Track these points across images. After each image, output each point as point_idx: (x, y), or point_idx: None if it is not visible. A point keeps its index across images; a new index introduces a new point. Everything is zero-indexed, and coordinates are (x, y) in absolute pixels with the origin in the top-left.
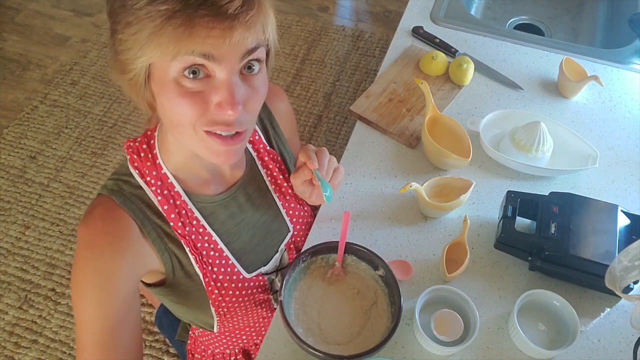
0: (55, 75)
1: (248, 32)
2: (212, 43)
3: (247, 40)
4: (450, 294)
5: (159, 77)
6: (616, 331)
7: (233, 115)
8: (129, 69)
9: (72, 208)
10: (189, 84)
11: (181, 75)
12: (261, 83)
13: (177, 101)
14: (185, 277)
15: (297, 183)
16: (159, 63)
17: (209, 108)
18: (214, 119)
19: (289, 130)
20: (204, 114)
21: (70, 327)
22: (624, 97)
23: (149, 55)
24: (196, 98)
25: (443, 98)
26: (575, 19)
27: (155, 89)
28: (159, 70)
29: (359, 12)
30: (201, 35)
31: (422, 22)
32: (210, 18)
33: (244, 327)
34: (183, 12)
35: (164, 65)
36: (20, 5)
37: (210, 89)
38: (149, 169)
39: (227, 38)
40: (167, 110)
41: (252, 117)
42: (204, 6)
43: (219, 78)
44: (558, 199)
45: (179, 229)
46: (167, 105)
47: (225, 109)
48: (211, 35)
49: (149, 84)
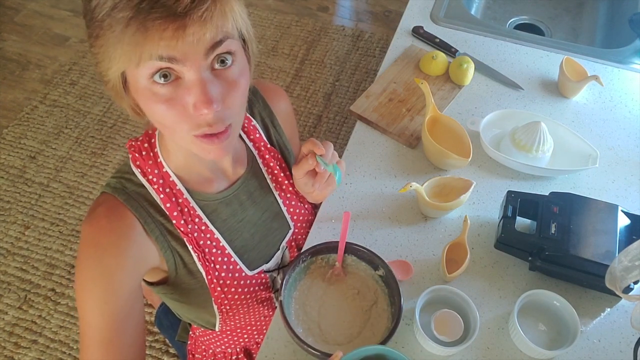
0: (54, 75)
1: (204, 27)
2: (167, 44)
3: (205, 36)
4: (450, 294)
5: (133, 84)
6: (616, 331)
7: (209, 113)
8: (106, 79)
9: (72, 208)
10: (162, 89)
11: (152, 81)
12: (238, 75)
13: (155, 107)
14: (188, 275)
15: (300, 174)
16: (129, 71)
17: (188, 110)
18: (197, 122)
19: (290, 130)
20: (185, 118)
21: (70, 327)
22: (624, 97)
23: (117, 64)
24: (172, 102)
25: (443, 98)
26: (575, 19)
27: (134, 95)
28: (132, 78)
29: (359, 12)
30: (155, 38)
31: (422, 22)
32: (162, 20)
33: (246, 326)
34: (136, 18)
35: (133, 73)
36: (19, 5)
37: (183, 90)
38: (151, 168)
39: (180, 37)
40: (150, 116)
41: (235, 111)
42: (154, 9)
43: (189, 79)
44: (558, 199)
45: (182, 227)
46: (148, 112)
47: (200, 109)
48: (164, 37)
49: (128, 91)
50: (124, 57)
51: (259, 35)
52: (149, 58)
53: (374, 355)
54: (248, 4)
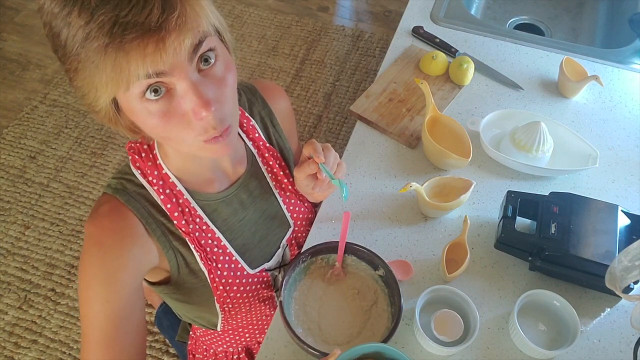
0: (55, 75)
1: (181, 34)
2: (152, 60)
3: (185, 43)
4: (450, 294)
5: (126, 107)
6: (616, 331)
7: (209, 115)
8: (97, 110)
9: (72, 208)
10: (156, 105)
11: (144, 99)
12: (224, 70)
13: (154, 124)
14: (190, 275)
15: (301, 177)
16: (119, 95)
17: (188, 119)
18: (202, 127)
19: (288, 128)
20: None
21: (70, 327)
22: (624, 97)
23: (106, 92)
24: (169, 115)
25: (443, 98)
26: (575, 19)
27: (129, 116)
28: (123, 102)
29: (359, 12)
30: (138, 58)
31: (422, 22)
32: (139, 39)
33: (247, 325)
34: (112, 43)
35: (124, 96)
36: (20, 5)
37: (177, 100)
38: (151, 169)
39: (161, 51)
40: (151, 132)
41: (230, 107)
42: (128, 30)
43: (180, 87)
44: (558, 199)
45: (183, 227)
46: (148, 130)
47: (199, 113)
48: (147, 54)
49: (122, 114)
50: (110, 84)
51: (259, 35)
52: (136, 79)
53: (372, 353)
54: (248, 4)
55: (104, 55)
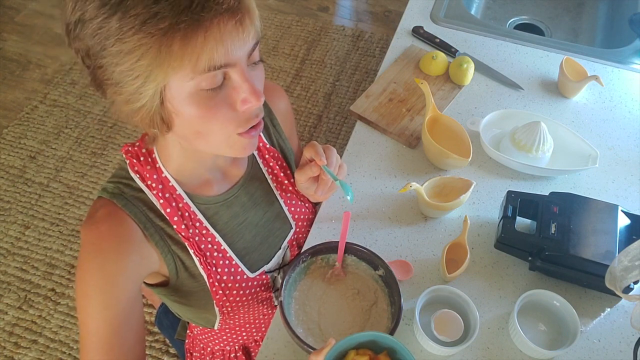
0: (55, 75)
1: (253, 19)
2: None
3: (256, 24)
4: (450, 294)
5: (175, 96)
6: (616, 331)
7: (257, 104)
8: (136, 98)
9: (72, 208)
10: (209, 95)
11: (199, 89)
12: (262, 69)
13: (207, 116)
14: (189, 278)
15: (302, 179)
16: (174, 82)
17: (235, 110)
18: (245, 119)
19: (288, 128)
20: (232, 118)
21: (70, 327)
22: (624, 97)
23: (161, 78)
24: (220, 105)
25: (443, 98)
26: (575, 19)
27: (173, 108)
28: (175, 90)
29: (359, 12)
30: (215, 36)
31: (422, 22)
32: (218, 16)
33: (245, 324)
34: (187, 21)
35: (181, 83)
36: (20, 5)
37: (229, 91)
38: (150, 173)
39: (240, 31)
40: (190, 125)
41: None
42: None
43: (236, 78)
44: (558, 199)
45: (183, 232)
46: (191, 121)
47: (250, 102)
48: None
49: (163, 105)
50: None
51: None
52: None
53: (367, 342)
54: None
55: (173, 34)
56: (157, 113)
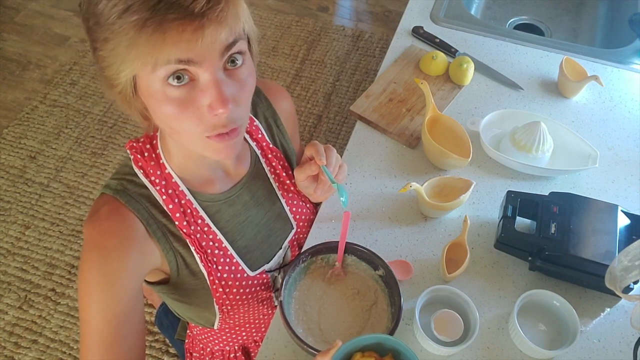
0: (55, 75)
1: (220, 27)
2: (186, 46)
3: (221, 37)
4: (450, 294)
5: (145, 87)
6: (616, 331)
7: (225, 113)
8: (115, 83)
9: (72, 208)
10: (175, 92)
11: (166, 83)
12: (247, 74)
13: (168, 110)
14: (190, 276)
15: (301, 177)
16: (142, 74)
17: (202, 112)
18: (212, 124)
19: (291, 129)
20: (199, 120)
21: (70, 327)
22: (624, 97)
23: (130, 67)
24: (186, 104)
25: (443, 98)
26: (575, 19)
27: (144, 99)
28: (144, 81)
29: (359, 12)
30: (174, 40)
31: (422, 22)
32: (180, 21)
33: (244, 324)
34: (153, 19)
35: (147, 76)
36: (20, 5)
37: (197, 92)
38: (153, 169)
39: (199, 39)
40: (160, 119)
41: (244, 110)
42: (171, 10)
43: (204, 80)
44: (558, 199)
45: (184, 228)
46: (159, 115)
47: (216, 109)
48: (183, 39)
49: (137, 95)
50: (138, 60)
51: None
52: (166, 62)
53: (373, 344)
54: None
55: (140, 29)
56: (132, 100)
